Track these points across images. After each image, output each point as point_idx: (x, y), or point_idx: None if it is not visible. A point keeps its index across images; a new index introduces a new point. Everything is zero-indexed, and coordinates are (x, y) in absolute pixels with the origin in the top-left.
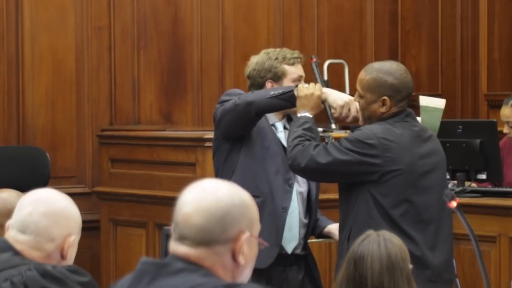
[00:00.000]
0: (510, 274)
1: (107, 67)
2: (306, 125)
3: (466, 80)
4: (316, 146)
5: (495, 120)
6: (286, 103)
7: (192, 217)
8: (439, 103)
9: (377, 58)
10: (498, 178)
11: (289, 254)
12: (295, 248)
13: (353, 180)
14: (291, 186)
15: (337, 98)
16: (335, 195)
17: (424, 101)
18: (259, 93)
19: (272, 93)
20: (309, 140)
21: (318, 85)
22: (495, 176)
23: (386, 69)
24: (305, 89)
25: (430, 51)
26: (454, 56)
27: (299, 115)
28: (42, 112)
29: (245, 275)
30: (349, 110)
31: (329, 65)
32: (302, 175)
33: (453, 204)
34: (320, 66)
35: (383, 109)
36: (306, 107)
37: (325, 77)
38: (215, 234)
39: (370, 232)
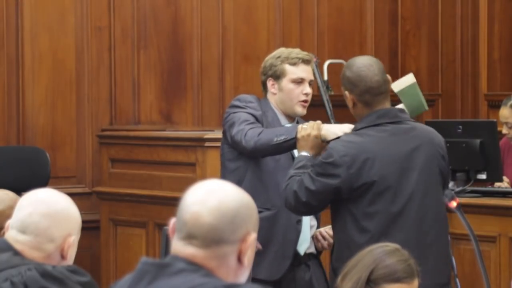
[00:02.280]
0: (510, 274)
1: (107, 67)
2: (299, 164)
3: (466, 80)
4: (299, 179)
5: (495, 120)
6: (289, 148)
7: (203, 216)
8: (409, 78)
9: (377, 58)
10: (498, 178)
11: (301, 255)
12: (308, 248)
13: (333, 199)
14: None
15: (333, 136)
16: None
17: (396, 86)
18: (262, 138)
19: (276, 139)
20: (299, 176)
21: (316, 124)
22: (495, 176)
23: (350, 63)
24: (302, 130)
25: (430, 51)
26: (454, 56)
27: (298, 155)
28: (42, 112)
29: (245, 276)
30: None
31: (329, 65)
32: (298, 214)
33: (453, 204)
34: (320, 66)
35: (350, 105)
36: (304, 148)
37: (325, 77)
38: (225, 234)
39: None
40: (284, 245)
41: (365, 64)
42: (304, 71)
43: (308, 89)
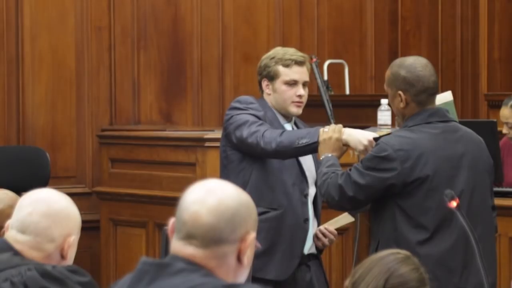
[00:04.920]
0: (510, 274)
1: (107, 67)
2: (329, 163)
3: (466, 80)
4: (342, 174)
5: (495, 120)
6: (311, 151)
7: (202, 216)
8: (447, 96)
9: (377, 58)
10: (498, 178)
11: (305, 254)
12: (309, 248)
13: (382, 195)
14: (306, 198)
15: (357, 143)
16: None
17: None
18: (284, 140)
19: (298, 143)
20: (334, 173)
21: (338, 128)
22: (495, 176)
23: (404, 63)
24: (324, 134)
25: (430, 51)
26: (454, 56)
27: (321, 158)
28: (42, 112)
29: (245, 275)
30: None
31: (329, 65)
32: (340, 209)
33: (453, 204)
34: (320, 66)
35: (402, 105)
36: (326, 151)
37: (325, 77)
38: (225, 233)
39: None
40: (292, 244)
41: (421, 64)
42: (297, 73)
43: (301, 91)
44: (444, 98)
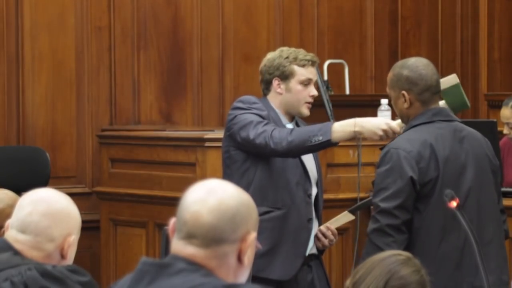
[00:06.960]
0: (510, 274)
1: (107, 67)
2: None
3: (466, 80)
4: (376, 221)
5: (495, 120)
6: (324, 148)
7: (203, 215)
8: (452, 79)
9: (377, 58)
10: None
11: (306, 255)
12: (311, 248)
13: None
14: (310, 197)
15: (372, 134)
16: (334, 195)
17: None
18: (295, 139)
19: (311, 141)
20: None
21: (353, 120)
22: None
23: (406, 63)
24: (338, 126)
25: (430, 51)
26: (454, 56)
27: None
28: (42, 112)
29: (245, 275)
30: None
31: (329, 65)
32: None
33: (453, 204)
34: (320, 66)
35: (406, 105)
36: (339, 139)
37: (325, 77)
38: (225, 233)
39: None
40: (296, 244)
41: (423, 64)
42: (312, 73)
43: (315, 91)
44: (448, 82)
